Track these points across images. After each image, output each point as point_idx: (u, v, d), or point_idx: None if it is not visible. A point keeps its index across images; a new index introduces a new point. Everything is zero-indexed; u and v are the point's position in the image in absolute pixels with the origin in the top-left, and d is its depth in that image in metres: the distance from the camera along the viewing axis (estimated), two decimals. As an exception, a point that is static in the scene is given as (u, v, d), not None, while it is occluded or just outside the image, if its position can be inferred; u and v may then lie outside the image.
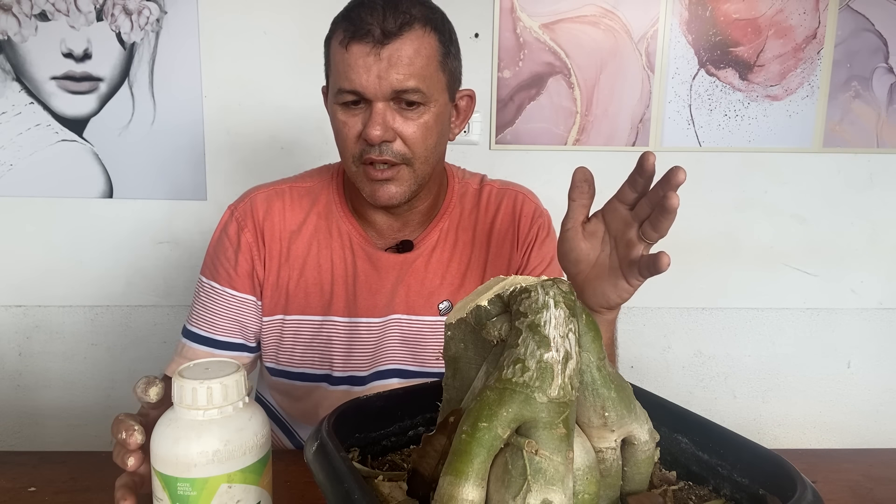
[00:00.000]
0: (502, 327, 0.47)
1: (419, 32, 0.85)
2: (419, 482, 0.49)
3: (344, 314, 0.98)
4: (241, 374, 0.56)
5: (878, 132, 1.77)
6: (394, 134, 0.87)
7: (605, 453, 0.48)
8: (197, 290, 1.01)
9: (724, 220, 1.81)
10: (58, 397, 1.77)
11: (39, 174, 1.66)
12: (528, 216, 1.02)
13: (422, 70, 0.85)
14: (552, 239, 1.03)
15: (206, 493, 0.53)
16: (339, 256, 0.98)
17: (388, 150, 0.87)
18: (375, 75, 0.84)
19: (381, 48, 0.83)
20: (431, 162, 0.92)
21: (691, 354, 1.87)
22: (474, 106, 1.00)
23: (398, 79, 0.84)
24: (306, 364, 1.00)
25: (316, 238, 0.99)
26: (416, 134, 0.88)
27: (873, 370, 1.89)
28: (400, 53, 0.84)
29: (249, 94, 1.68)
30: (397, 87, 0.84)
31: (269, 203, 0.99)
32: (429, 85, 0.87)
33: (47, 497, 0.76)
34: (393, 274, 0.98)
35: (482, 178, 1.08)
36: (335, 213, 1.00)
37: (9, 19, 1.60)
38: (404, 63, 0.84)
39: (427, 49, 0.86)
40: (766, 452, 0.50)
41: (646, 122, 1.73)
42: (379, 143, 0.86)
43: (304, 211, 1.00)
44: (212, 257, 1.01)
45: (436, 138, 0.91)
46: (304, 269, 0.98)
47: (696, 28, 1.70)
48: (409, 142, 0.88)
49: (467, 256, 1.01)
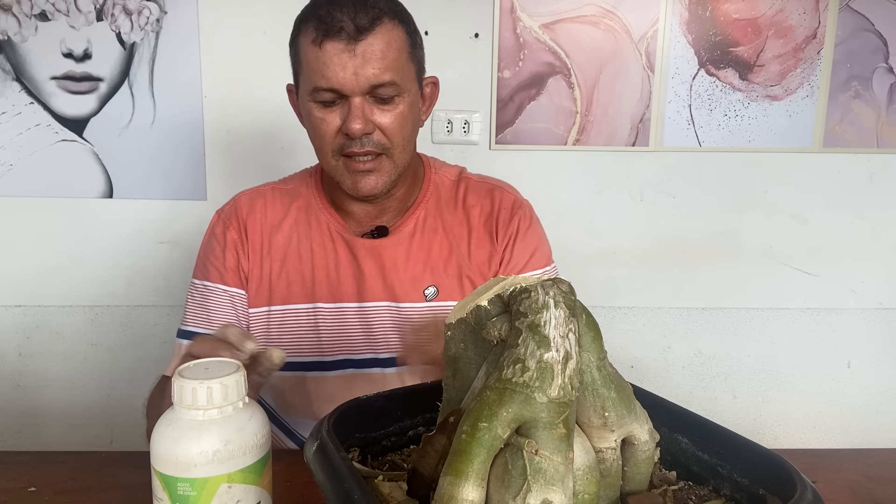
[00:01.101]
0: (502, 327, 0.47)
1: (388, 26, 0.87)
2: (419, 482, 0.49)
3: (329, 300, 1.00)
4: (241, 374, 0.56)
5: (878, 132, 1.77)
6: (373, 126, 0.89)
7: (605, 453, 0.48)
8: (190, 292, 1.03)
9: (724, 220, 1.80)
10: (58, 397, 1.77)
11: (39, 174, 1.66)
12: (507, 209, 1.03)
13: (394, 63, 0.88)
14: (535, 228, 1.05)
15: (206, 493, 0.53)
16: (319, 245, 1.01)
17: (369, 142, 0.90)
18: (352, 72, 0.86)
19: (355, 44, 0.85)
20: (408, 150, 0.95)
21: (691, 354, 1.87)
22: (438, 92, 1.02)
23: (374, 73, 0.86)
24: (296, 353, 1.01)
25: (296, 230, 1.02)
26: (394, 124, 0.90)
27: (873, 370, 1.89)
28: (374, 48, 0.86)
29: (249, 94, 1.67)
30: (374, 81, 0.86)
31: (251, 202, 1.04)
32: (402, 76, 0.89)
33: (47, 497, 0.76)
34: (371, 259, 1.00)
35: (461, 170, 1.10)
36: (314, 205, 1.03)
37: (9, 19, 1.60)
38: (378, 57, 0.86)
39: (397, 41, 0.88)
40: (766, 452, 0.50)
41: (646, 122, 1.73)
42: (360, 136, 0.88)
43: (285, 206, 1.03)
44: (202, 259, 1.04)
45: (410, 126, 0.94)
46: (285, 260, 1.01)
47: (696, 28, 1.70)
48: (387, 132, 0.90)
49: (448, 243, 1.02)
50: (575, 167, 1.75)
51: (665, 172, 1.76)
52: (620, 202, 1.78)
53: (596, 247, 1.79)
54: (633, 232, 1.79)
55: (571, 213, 1.77)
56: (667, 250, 1.81)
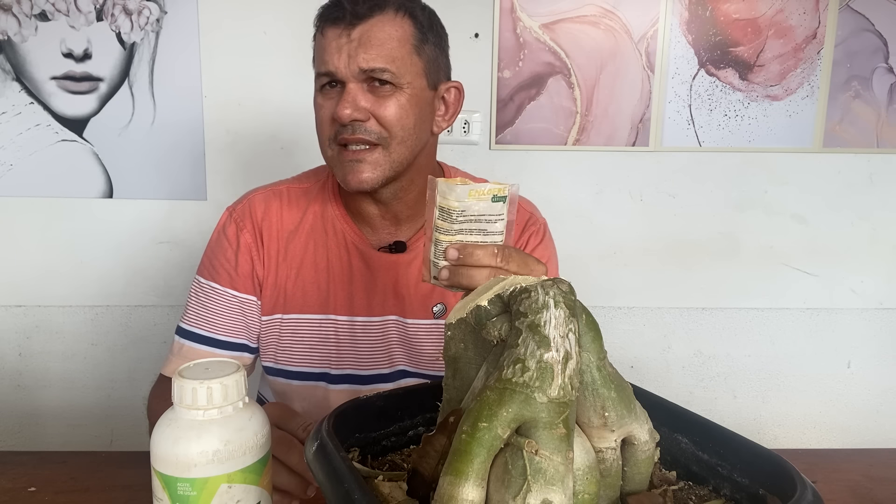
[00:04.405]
0: (502, 327, 0.47)
1: (391, 16, 0.88)
2: (419, 482, 0.49)
3: (344, 312, 0.98)
4: (241, 374, 0.56)
5: (878, 132, 1.77)
6: (367, 113, 0.88)
7: (605, 453, 0.48)
8: (194, 290, 1.01)
9: (724, 220, 1.80)
10: (58, 397, 1.77)
11: (39, 174, 1.66)
12: (519, 224, 1.03)
13: (392, 52, 0.87)
14: (545, 245, 1.04)
15: (206, 493, 0.53)
16: (336, 255, 0.99)
17: (361, 129, 0.88)
18: (346, 55, 0.86)
19: (351, 29, 0.86)
20: (409, 145, 0.91)
21: (691, 354, 1.87)
22: (463, 99, 0.99)
23: (366, 58, 0.86)
24: (304, 363, 1.00)
25: (312, 237, 0.99)
26: (390, 113, 0.88)
27: (873, 370, 1.89)
28: (370, 33, 0.86)
29: (249, 94, 1.67)
30: (364, 66, 0.86)
31: (266, 203, 1.00)
32: (400, 67, 0.88)
33: (47, 497, 0.76)
34: (386, 274, 0.98)
35: None
36: (330, 212, 1.00)
37: (9, 19, 1.60)
38: (374, 43, 0.86)
39: (399, 32, 0.88)
40: (766, 452, 0.50)
41: (646, 122, 1.73)
42: (349, 122, 0.87)
43: (301, 210, 1.00)
44: (210, 258, 1.01)
45: (413, 121, 0.90)
46: (301, 268, 0.99)
47: (696, 28, 1.70)
48: (383, 121, 0.88)
49: None
50: (575, 167, 1.75)
51: (665, 172, 1.76)
52: (620, 202, 1.77)
53: (596, 247, 1.79)
54: (633, 232, 1.79)
55: (571, 213, 1.77)
56: (667, 250, 1.81)
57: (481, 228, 0.67)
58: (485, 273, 0.66)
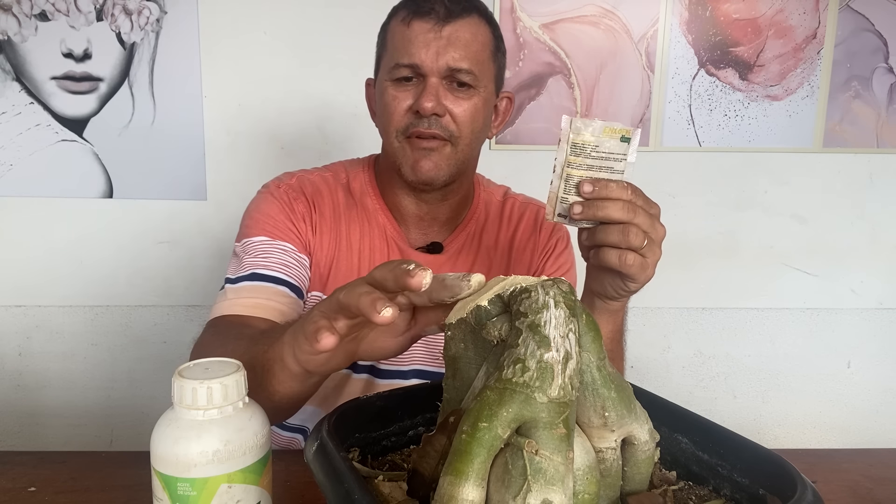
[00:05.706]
0: (502, 327, 0.47)
1: (477, 20, 0.91)
2: (419, 482, 0.49)
3: None
4: (242, 374, 0.56)
5: (878, 132, 1.77)
6: (444, 109, 0.89)
7: (605, 453, 0.48)
8: (240, 250, 0.93)
9: (724, 220, 1.80)
10: (58, 397, 1.77)
11: (39, 174, 1.66)
12: (548, 228, 1.06)
13: (476, 54, 0.90)
14: (569, 252, 1.07)
15: (206, 493, 0.53)
16: (379, 249, 0.99)
17: (437, 124, 0.89)
18: (434, 51, 0.87)
19: (442, 26, 0.87)
20: (472, 147, 0.95)
21: (691, 354, 1.87)
22: (512, 110, 1.03)
23: (454, 57, 0.88)
24: None
25: (358, 224, 1.00)
26: (465, 113, 0.90)
27: (873, 370, 1.89)
28: (459, 34, 0.88)
29: (249, 94, 1.67)
30: (453, 65, 0.88)
31: (314, 185, 1.00)
32: (481, 70, 0.90)
33: (47, 497, 0.76)
34: None
35: (506, 190, 1.11)
36: (370, 205, 1.01)
37: (9, 19, 1.60)
38: (462, 43, 0.88)
39: (483, 36, 0.91)
40: (766, 452, 0.50)
41: (646, 122, 1.73)
42: (430, 115, 0.88)
43: (345, 197, 1.01)
44: (260, 220, 0.94)
45: (481, 123, 0.94)
46: (347, 251, 0.98)
47: (696, 28, 1.70)
48: (457, 120, 0.90)
49: (488, 262, 1.03)
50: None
51: (665, 172, 1.76)
52: (620, 202, 1.77)
53: (596, 247, 1.79)
54: (633, 232, 1.79)
55: (571, 213, 1.77)
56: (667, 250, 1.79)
57: (609, 166, 0.71)
58: (618, 206, 0.69)
